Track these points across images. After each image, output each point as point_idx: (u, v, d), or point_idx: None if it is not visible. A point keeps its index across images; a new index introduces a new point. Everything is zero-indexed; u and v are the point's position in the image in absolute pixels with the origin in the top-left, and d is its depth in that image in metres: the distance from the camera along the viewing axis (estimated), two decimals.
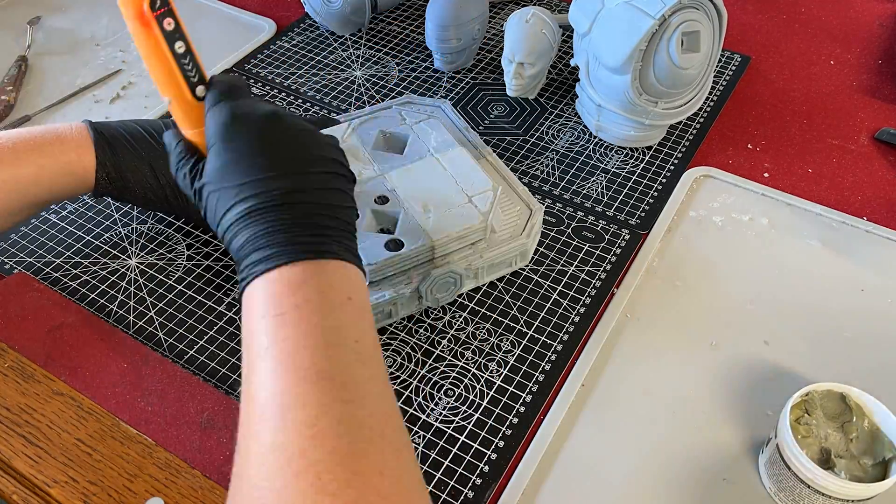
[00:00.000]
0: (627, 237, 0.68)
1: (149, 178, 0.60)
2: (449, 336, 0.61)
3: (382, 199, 0.61)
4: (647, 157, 0.76)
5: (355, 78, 0.85)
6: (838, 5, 0.97)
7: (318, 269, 0.42)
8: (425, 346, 0.60)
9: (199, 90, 0.47)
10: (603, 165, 0.75)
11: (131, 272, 0.65)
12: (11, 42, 0.89)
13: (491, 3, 0.95)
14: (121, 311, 0.62)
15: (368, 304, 0.44)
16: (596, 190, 0.73)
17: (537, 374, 0.58)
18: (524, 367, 0.59)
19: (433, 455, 0.54)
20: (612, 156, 0.76)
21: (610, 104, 0.73)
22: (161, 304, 0.63)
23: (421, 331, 0.61)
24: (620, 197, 0.72)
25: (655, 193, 0.73)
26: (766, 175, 0.75)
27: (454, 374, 0.58)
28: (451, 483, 0.52)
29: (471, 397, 0.57)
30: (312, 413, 0.37)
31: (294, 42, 0.91)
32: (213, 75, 0.48)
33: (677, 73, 0.67)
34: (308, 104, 0.82)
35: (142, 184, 0.60)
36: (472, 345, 0.60)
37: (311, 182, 0.44)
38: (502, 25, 0.91)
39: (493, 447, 0.54)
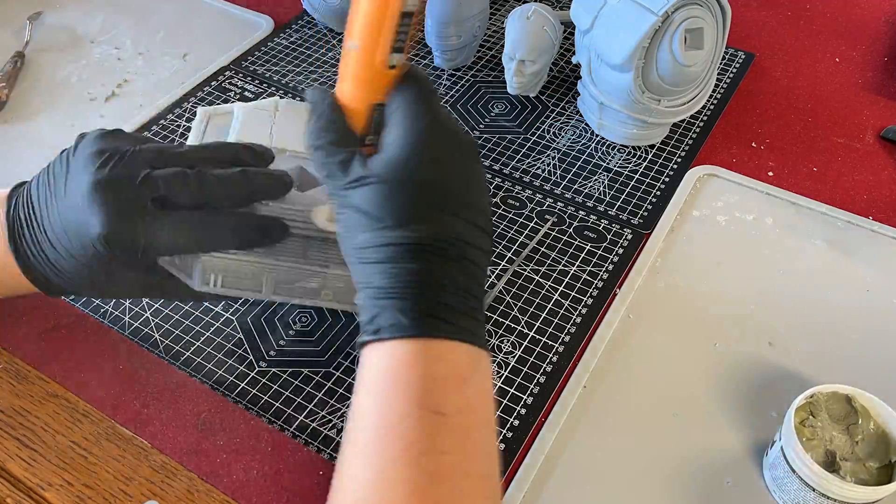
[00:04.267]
0: (630, 237, 0.68)
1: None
2: None
3: None
4: (649, 156, 0.75)
5: None
6: (844, 2, 0.96)
7: (479, 363, 0.37)
8: None
9: (395, 58, 0.39)
10: (605, 164, 0.75)
11: None
12: (9, 38, 0.88)
13: (491, 0, 0.94)
14: (116, 312, 0.61)
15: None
16: (598, 189, 0.72)
17: (538, 376, 0.58)
18: (525, 369, 0.58)
19: None
20: (615, 154, 0.76)
21: (612, 102, 0.72)
22: (157, 305, 0.62)
23: None
24: (623, 196, 0.71)
25: (658, 192, 0.72)
26: (770, 174, 0.74)
27: None
28: None
29: None
30: None
31: (292, 39, 0.90)
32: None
33: (680, 70, 0.67)
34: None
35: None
36: None
37: (488, 245, 0.39)
38: (503, 22, 0.90)
39: None
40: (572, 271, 0.65)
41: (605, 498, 0.51)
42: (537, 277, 0.64)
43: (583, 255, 0.66)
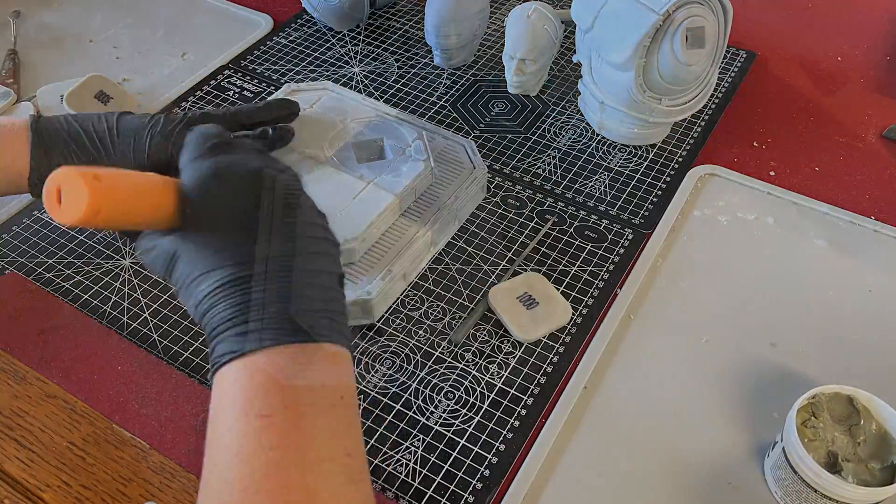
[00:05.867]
0: (631, 237, 0.67)
1: None
2: (449, 338, 0.60)
3: None
4: (650, 156, 0.75)
5: (353, 75, 0.84)
6: (845, 1, 0.96)
7: (310, 358, 0.38)
8: (425, 347, 0.59)
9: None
10: (606, 164, 0.74)
11: (125, 273, 0.64)
12: None
13: None
14: (114, 313, 0.61)
15: (356, 401, 0.40)
16: (599, 189, 0.72)
17: (539, 377, 0.57)
18: (525, 370, 0.58)
19: (433, 459, 0.53)
20: (615, 154, 0.75)
21: (613, 101, 0.72)
22: (155, 305, 0.62)
23: (420, 332, 0.60)
24: (624, 196, 0.71)
25: (659, 192, 0.71)
26: (771, 174, 0.74)
27: (454, 377, 0.57)
28: (451, 487, 0.51)
29: (471, 400, 0.56)
30: None
31: (291, 38, 0.90)
32: (193, 122, 0.48)
33: (682, 69, 0.66)
34: None
35: None
36: (472, 346, 0.59)
37: (299, 247, 0.39)
38: (503, 21, 0.90)
39: (493, 451, 0.53)
40: (573, 271, 0.64)
41: (605, 498, 0.51)
42: None
43: (583, 255, 0.66)
